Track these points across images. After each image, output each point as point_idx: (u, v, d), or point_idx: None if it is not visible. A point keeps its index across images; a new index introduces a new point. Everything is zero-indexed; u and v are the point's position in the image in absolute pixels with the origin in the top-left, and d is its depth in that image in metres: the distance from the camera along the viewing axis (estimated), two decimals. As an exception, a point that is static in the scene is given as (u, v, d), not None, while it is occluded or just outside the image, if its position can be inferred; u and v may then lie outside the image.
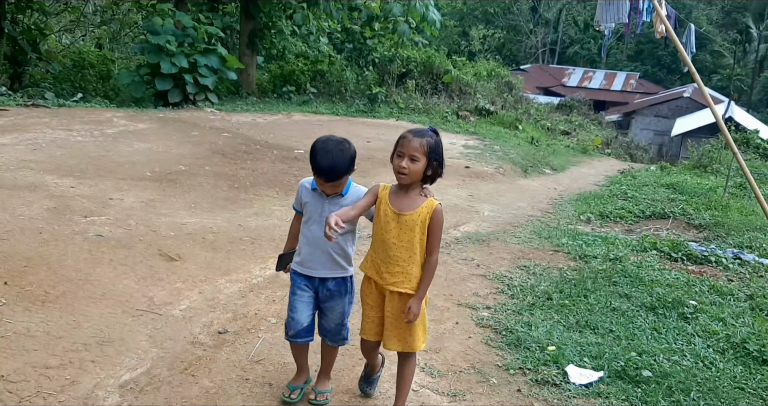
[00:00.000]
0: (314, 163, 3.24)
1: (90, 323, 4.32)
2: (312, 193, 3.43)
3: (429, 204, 3.17)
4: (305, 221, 3.48)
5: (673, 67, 54.90)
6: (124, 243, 5.80)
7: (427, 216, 3.16)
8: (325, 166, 3.21)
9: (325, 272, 3.48)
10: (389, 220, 3.20)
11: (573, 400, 3.97)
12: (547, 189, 12.18)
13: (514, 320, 5.10)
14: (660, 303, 5.53)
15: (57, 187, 7.26)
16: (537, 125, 22.62)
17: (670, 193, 11.30)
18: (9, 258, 5.09)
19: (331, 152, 3.20)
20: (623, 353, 4.51)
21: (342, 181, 3.29)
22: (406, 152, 3.10)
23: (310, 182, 3.45)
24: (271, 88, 20.74)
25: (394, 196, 3.23)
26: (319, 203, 3.40)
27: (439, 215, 3.18)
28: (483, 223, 8.51)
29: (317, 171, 3.24)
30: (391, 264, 3.25)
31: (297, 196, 3.55)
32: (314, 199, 3.42)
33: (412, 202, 3.18)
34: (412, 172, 3.09)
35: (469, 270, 6.33)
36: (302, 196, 3.50)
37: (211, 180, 8.62)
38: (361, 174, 10.05)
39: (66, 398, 3.51)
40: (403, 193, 3.21)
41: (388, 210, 3.21)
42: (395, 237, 3.20)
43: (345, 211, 3.19)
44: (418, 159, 3.08)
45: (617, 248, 7.37)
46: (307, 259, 3.48)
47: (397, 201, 3.21)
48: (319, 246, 3.41)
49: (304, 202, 3.48)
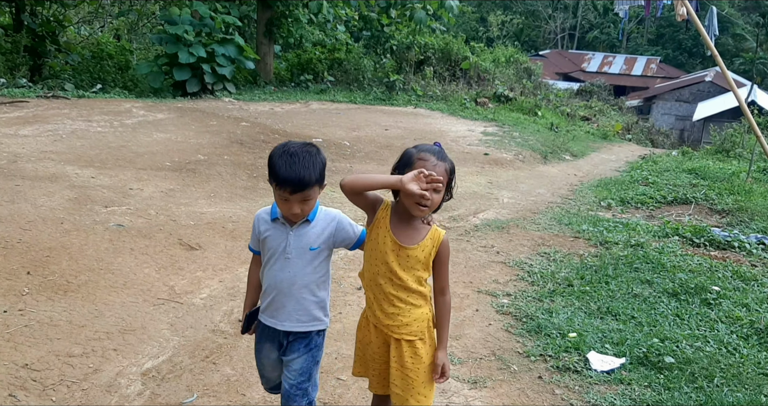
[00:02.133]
0: (275, 171, 2.53)
1: (112, 312, 4.36)
2: (272, 225, 2.74)
3: (434, 235, 2.65)
4: (266, 261, 2.78)
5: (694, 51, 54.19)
6: (144, 233, 5.83)
7: (433, 250, 2.64)
8: (290, 172, 2.50)
9: (292, 324, 2.77)
10: (387, 250, 2.64)
11: (594, 387, 3.95)
12: (567, 175, 12.08)
13: (534, 306, 5.07)
14: (682, 289, 5.47)
15: (78, 177, 7.31)
16: (556, 111, 22.43)
17: (692, 179, 11.17)
18: (31, 248, 5.14)
19: (297, 155, 2.52)
20: (645, 340, 4.47)
21: (312, 193, 2.58)
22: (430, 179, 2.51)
23: (269, 211, 2.78)
24: (289, 76, 20.73)
25: (396, 220, 2.66)
26: (282, 235, 2.71)
27: (446, 249, 2.68)
28: (502, 210, 8.47)
29: (280, 180, 2.52)
30: (385, 303, 2.69)
31: (253, 232, 2.83)
32: (275, 231, 2.73)
33: (416, 232, 2.64)
34: (434, 204, 2.55)
35: (489, 257, 6.30)
36: (260, 230, 2.78)
37: (230, 169, 8.64)
38: (380, 162, 10.07)
39: (89, 386, 3.55)
40: (406, 218, 2.65)
41: (387, 238, 2.64)
42: (392, 272, 2.64)
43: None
44: (441, 188, 2.54)
45: (638, 233, 7.30)
46: (271, 307, 2.79)
47: (399, 228, 2.64)
48: (285, 291, 2.73)
49: (263, 237, 2.76)
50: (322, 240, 2.72)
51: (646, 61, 50.51)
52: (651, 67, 49.45)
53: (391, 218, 2.66)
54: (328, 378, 3.87)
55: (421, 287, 2.68)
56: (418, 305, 2.69)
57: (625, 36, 55.04)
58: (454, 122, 16.09)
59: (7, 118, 10.25)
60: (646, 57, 51.66)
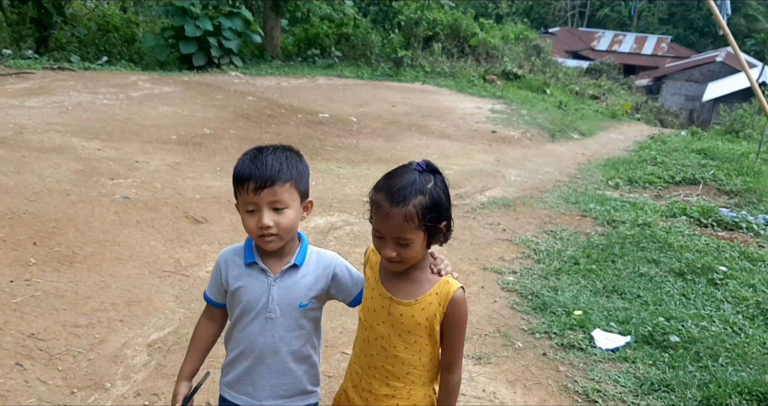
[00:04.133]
0: (236, 171, 1.95)
1: (118, 284, 4.36)
2: (246, 272, 2.04)
3: (442, 289, 1.95)
4: (237, 319, 2.09)
5: (705, 30, 53.60)
6: (150, 205, 5.83)
7: (440, 309, 1.94)
8: (253, 163, 1.93)
9: (274, 401, 2.12)
10: (377, 307, 2.01)
11: (599, 364, 3.95)
12: (575, 154, 12.02)
13: (540, 284, 5.07)
14: (689, 269, 5.45)
15: (84, 149, 7.30)
16: (565, 89, 22.26)
17: (701, 159, 11.09)
18: (37, 219, 5.14)
19: (266, 149, 1.97)
20: (651, 318, 4.46)
21: (285, 195, 1.93)
22: (387, 234, 1.87)
23: (240, 252, 2.08)
24: (296, 51, 20.60)
25: (388, 270, 2.01)
26: (261, 287, 2.03)
27: (459, 311, 1.96)
28: (509, 188, 8.43)
29: (239, 175, 1.93)
30: (376, 381, 2.05)
31: (214, 277, 2.13)
32: (252, 281, 2.04)
33: (415, 284, 1.98)
34: (407, 259, 1.90)
35: (495, 235, 6.28)
36: (228, 277, 2.08)
37: (236, 144, 8.61)
38: (386, 138, 10.03)
39: (95, 356, 3.56)
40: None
41: (377, 291, 2.02)
42: (383, 338, 2.02)
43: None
44: (410, 241, 1.86)
45: (646, 213, 7.26)
46: (244, 380, 2.12)
47: (393, 278, 2.01)
48: (267, 360, 2.08)
49: (233, 288, 2.06)
50: (315, 293, 2.07)
51: (657, 40, 50.01)
52: (661, 46, 48.97)
53: (382, 266, 2.03)
54: (333, 352, 3.87)
55: (424, 359, 2.01)
56: (420, 384, 2.03)
57: (636, 14, 54.42)
58: (462, 99, 15.98)
59: (13, 89, 10.23)
60: (656, 36, 51.15)
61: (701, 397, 3.59)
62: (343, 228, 5.98)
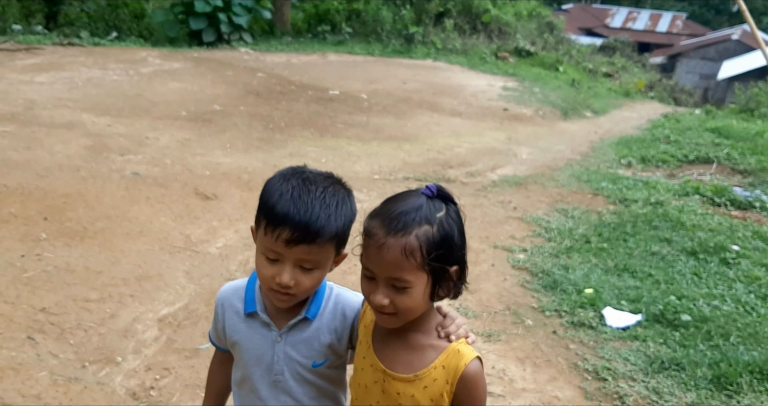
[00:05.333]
0: (269, 201, 1.53)
1: (128, 259, 4.37)
2: (246, 323, 1.68)
3: (451, 361, 1.50)
4: (240, 379, 1.73)
5: (721, 8, 52.90)
6: (160, 182, 5.83)
7: (447, 388, 1.50)
8: (296, 206, 1.49)
9: None
10: (368, 381, 1.58)
11: (609, 343, 3.94)
12: (588, 132, 11.93)
13: (550, 262, 5.04)
14: (701, 248, 5.41)
15: (94, 125, 7.30)
16: (578, 67, 22.05)
17: (715, 138, 10.97)
18: (48, 195, 5.14)
19: (314, 184, 1.53)
20: (662, 297, 4.44)
21: (323, 254, 1.53)
22: (379, 273, 1.45)
23: (241, 295, 1.71)
24: (306, 27, 20.45)
25: (383, 332, 1.58)
26: (265, 344, 1.66)
27: (473, 387, 1.51)
28: (521, 166, 8.38)
29: (275, 215, 1.50)
30: None
31: (215, 320, 1.76)
32: (252, 335, 1.68)
33: (417, 352, 1.53)
34: (402, 310, 1.46)
35: (506, 213, 6.26)
36: (224, 324, 1.73)
37: (246, 120, 8.59)
38: (397, 116, 9.98)
39: (106, 330, 3.58)
40: (399, 327, 1.54)
41: (367, 361, 1.59)
42: None
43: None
44: (408, 283, 1.43)
45: (658, 192, 7.21)
46: None
47: (387, 344, 1.56)
48: None
49: (231, 341, 1.71)
50: (332, 349, 1.67)
51: (672, 17, 49.40)
52: (676, 24, 48.36)
53: (377, 326, 1.59)
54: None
55: None
56: None
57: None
58: (474, 77, 15.86)
59: (23, 64, 10.22)
60: (671, 13, 50.51)
61: (712, 376, 3.58)
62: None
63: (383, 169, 7.25)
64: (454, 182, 7.15)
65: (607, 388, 3.50)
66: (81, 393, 3.09)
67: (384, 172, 7.15)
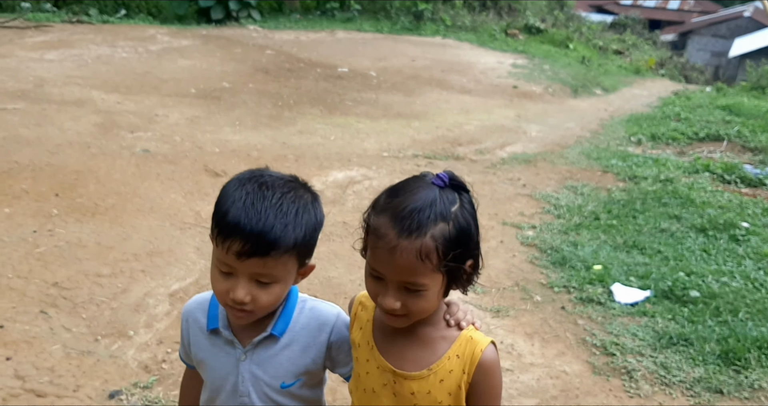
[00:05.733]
0: (219, 208, 1.40)
1: (139, 235, 4.40)
2: (210, 339, 1.55)
3: (466, 348, 1.41)
4: (209, 400, 1.60)
5: (734, -17, 52.20)
6: (170, 158, 5.85)
7: (465, 378, 1.41)
8: (248, 214, 1.33)
9: None
10: (375, 385, 1.46)
11: (617, 318, 3.95)
12: (597, 110, 11.85)
13: (559, 239, 5.05)
14: (711, 225, 5.40)
15: (103, 102, 7.32)
16: (588, 44, 21.85)
17: (726, 115, 10.89)
18: (59, 171, 5.17)
19: (271, 190, 1.37)
20: (671, 274, 4.44)
21: (279, 268, 1.38)
22: (390, 276, 1.33)
23: (204, 309, 1.57)
24: (315, 4, 20.32)
25: (386, 329, 1.47)
26: (229, 363, 1.53)
27: (491, 374, 1.42)
28: (530, 143, 8.36)
29: (224, 223, 1.35)
30: None
31: (182, 335, 1.63)
32: (217, 353, 1.54)
33: (426, 346, 1.43)
34: (415, 312, 1.36)
35: (515, 190, 6.25)
36: (188, 340, 1.60)
37: (255, 98, 8.58)
38: (406, 93, 9.94)
39: (118, 305, 3.61)
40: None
41: (372, 363, 1.47)
42: None
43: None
44: (423, 287, 1.32)
45: (668, 169, 7.18)
46: None
47: (391, 341, 1.46)
48: None
49: (195, 357, 1.60)
50: (303, 369, 1.53)
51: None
52: (688, 1, 47.82)
53: (376, 325, 1.49)
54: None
55: None
56: None
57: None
58: (483, 54, 15.75)
59: (32, 42, 10.22)
60: (683, -10, 49.90)
61: (720, 351, 3.59)
62: (362, 183, 5.97)
63: (392, 147, 7.25)
64: (463, 160, 7.14)
65: (615, 363, 3.52)
66: (94, 366, 3.14)
67: (393, 150, 7.14)
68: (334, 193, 5.62)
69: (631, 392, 3.32)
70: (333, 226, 4.97)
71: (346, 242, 4.75)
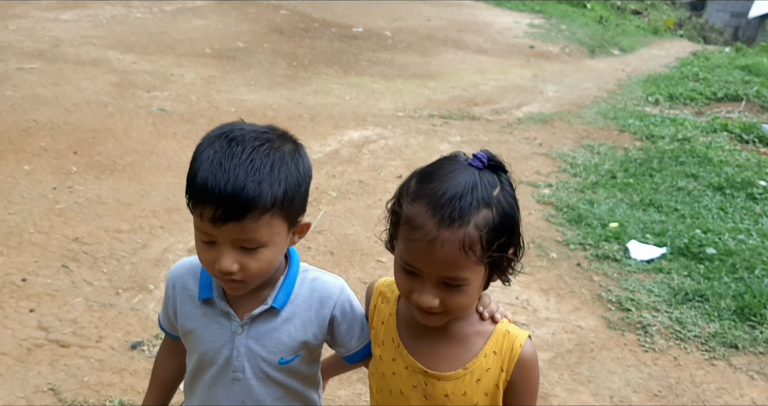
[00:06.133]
0: (190, 176, 1.26)
1: (157, 192, 4.44)
2: (202, 309, 1.41)
3: (503, 344, 1.31)
4: (195, 371, 1.46)
5: (757, -59, 50.93)
6: (186, 118, 5.86)
7: (503, 377, 1.30)
8: (217, 173, 1.20)
9: None
10: (403, 386, 1.34)
11: (633, 275, 3.97)
12: (615, 70, 11.70)
13: (576, 197, 5.04)
14: (728, 183, 5.38)
15: (119, 62, 7.31)
16: (606, 4, 21.49)
17: (745, 75, 10.71)
18: (77, 130, 5.21)
19: (241, 145, 1.23)
20: (687, 231, 4.44)
21: (262, 229, 1.23)
22: (428, 271, 1.20)
23: (196, 274, 1.43)
24: (329, -35, 20.07)
25: (413, 325, 1.34)
26: (223, 336, 1.40)
27: (531, 371, 1.33)
28: (546, 103, 8.29)
29: (194, 187, 1.23)
30: None
31: (165, 303, 1.49)
32: (208, 322, 1.41)
33: (460, 342, 1.32)
34: (454, 309, 1.24)
35: (531, 149, 6.23)
36: (175, 308, 1.45)
37: (270, 58, 8.54)
38: (422, 53, 9.85)
39: (138, 259, 3.67)
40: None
41: (400, 363, 1.35)
42: None
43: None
44: (465, 281, 1.20)
45: (686, 128, 7.11)
46: None
47: (419, 337, 1.34)
48: None
49: (183, 327, 1.44)
50: (303, 344, 1.42)
51: (705, -48, 47.71)
52: (709, -42, 46.75)
53: (401, 318, 1.38)
54: (369, 260, 3.94)
55: None
56: None
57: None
58: (499, 14, 15.54)
59: (47, 2, 10.17)
60: (705, -52, 48.76)
61: (735, 307, 3.61)
62: (378, 142, 5.96)
63: (408, 107, 7.21)
64: (479, 120, 7.10)
65: (630, 318, 3.55)
66: (116, 318, 3.20)
67: (408, 110, 7.11)
68: (350, 152, 5.63)
69: (645, 346, 3.36)
70: (349, 184, 5.00)
71: (361, 200, 4.78)
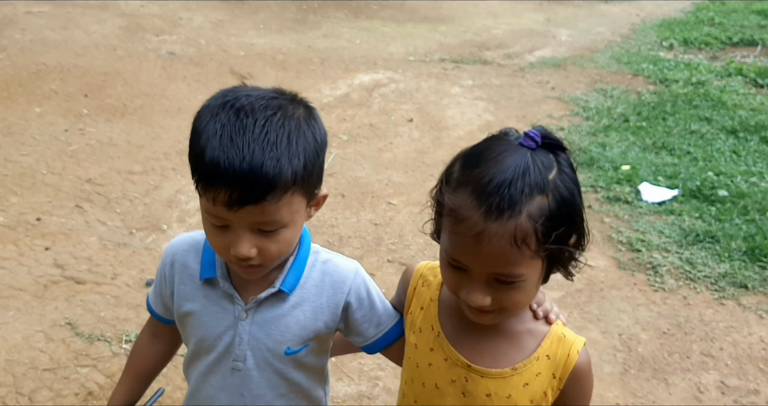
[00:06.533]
0: (196, 147, 1.09)
1: (168, 135, 4.45)
2: (203, 290, 1.27)
3: (558, 349, 1.17)
4: (192, 355, 1.33)
5: None
6: (196, 61, 5.82)
7: (554, 384, 1.17)
8: (229, 151, 1.04)
9: None
10: (440, 380, 1.20)
11: (644, 217, 3.96)
12: (629, 14, 11.47)
13: (588, 140, 5.01)
14: (741, 126, 5.32)
15: (127, 6, 7.24)
16: (621, -53, 20.98)
17: (761, 20, 10.48)
18: (87, 73, 5.19)
19: (252, 116, 1.07)
20: (699, 174, 4.42)
21: (282, 210, 1.09)
22: (478, 267, 1.05)
23: (198, 251, 1.29)
24: None
25: (455, 311, 1.20)
26: (225, 320, 1.26)
27: (586, 382, 1.20)
28: (559, 48, 8.16)
29: (203, 165, 1.06)
30: None
31: (157, 279, 1.34)
32: (209, 305, 1.27)
33: (510, 340, 1.18)
34: (509, 307, 1.10)
35: (544, 93, 6.17)
36: (173, 288, 1.30)
37: (279, 1, 8.42)
38: (439, 21, 9.64)
39: (150, 200, 3.70)
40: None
41: (439, 354, 1.21)
42: None
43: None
44: (520, 278, 1.04)
45: (700, 73, 7.01)
46: None
47: (465, 331, 1.20)
48: None
49: (180, 309, 1.30)
50: (313, 333, 1.28)
51: None
52: None
53: (442, 304, 1.24)
54: (380, 202, 3.95)
55: None
56: None
57: None
58: (512, -43, 15.20)
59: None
60: None
61: (746, 248, 3.61)
62: (389, 85, 5.92)
63: (418, 51, 7.13)
64: (491, 64, 7.02)
65: (641, 258, 3.56)
66: (130, 256, 3.24)
67: (419, 54, 7.03)
68: (361, 96, 5.59)
69: (655, 286, 3.37)
70: (360, 128, 4.98)
71: (372, 143, 4.77)
